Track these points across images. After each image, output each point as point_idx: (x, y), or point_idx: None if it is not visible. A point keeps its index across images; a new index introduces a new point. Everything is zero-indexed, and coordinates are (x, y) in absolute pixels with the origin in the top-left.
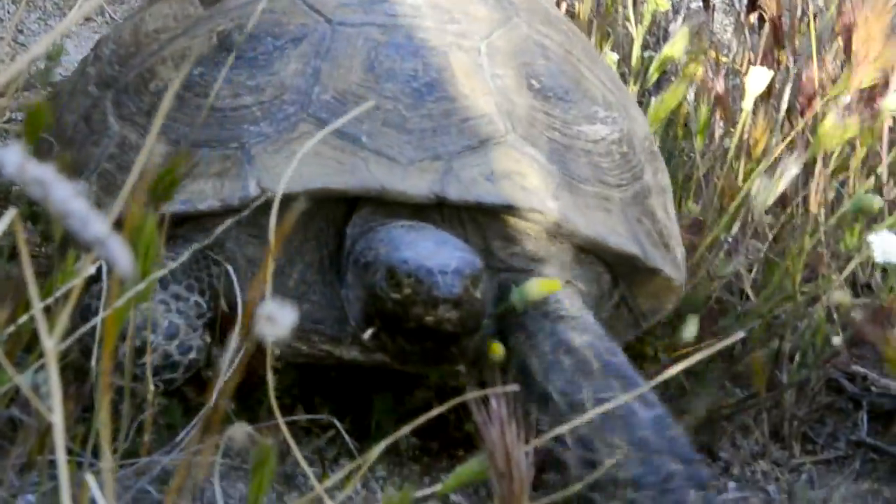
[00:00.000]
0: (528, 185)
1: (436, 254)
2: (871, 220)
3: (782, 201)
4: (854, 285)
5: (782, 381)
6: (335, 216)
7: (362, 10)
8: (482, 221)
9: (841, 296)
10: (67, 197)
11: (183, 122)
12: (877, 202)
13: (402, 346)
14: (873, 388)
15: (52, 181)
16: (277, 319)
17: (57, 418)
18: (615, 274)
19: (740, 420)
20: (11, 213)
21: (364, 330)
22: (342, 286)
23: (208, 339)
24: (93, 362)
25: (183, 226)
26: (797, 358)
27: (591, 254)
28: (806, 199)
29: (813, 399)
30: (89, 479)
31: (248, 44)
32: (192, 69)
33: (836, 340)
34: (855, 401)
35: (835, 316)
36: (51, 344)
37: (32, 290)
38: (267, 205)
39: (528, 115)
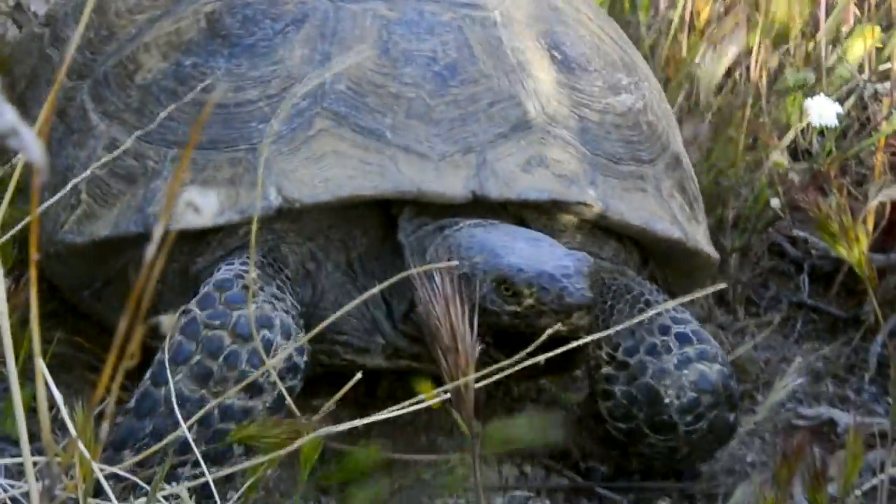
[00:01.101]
0: (566, 171)
1: (543, 255)
2: (811, 87)
3: (727, 71)
4: (795, 152)
5: (725, 247)
6: (358, 218)
7: None
8: (518, 212)
9: (777, 156)
10: None
11: (181, 122)
12: (810, 76)
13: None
14: (814, 252)
15: None
16: (200, 207)
17: (4, 322)
18: (644, 254)
19: None
20: None
21: None
22: (412, 306)
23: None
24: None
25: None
26: (740, 224)
27: (619, 235)
28: (749, 69)
29: (756, 263)
30: (40, 379)
31: (243, 28)
32: (182, 59)
33: (775, 203)
34: (797, 264)
35: (776, 180)
36: None
37: None
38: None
39: (555, 92)
